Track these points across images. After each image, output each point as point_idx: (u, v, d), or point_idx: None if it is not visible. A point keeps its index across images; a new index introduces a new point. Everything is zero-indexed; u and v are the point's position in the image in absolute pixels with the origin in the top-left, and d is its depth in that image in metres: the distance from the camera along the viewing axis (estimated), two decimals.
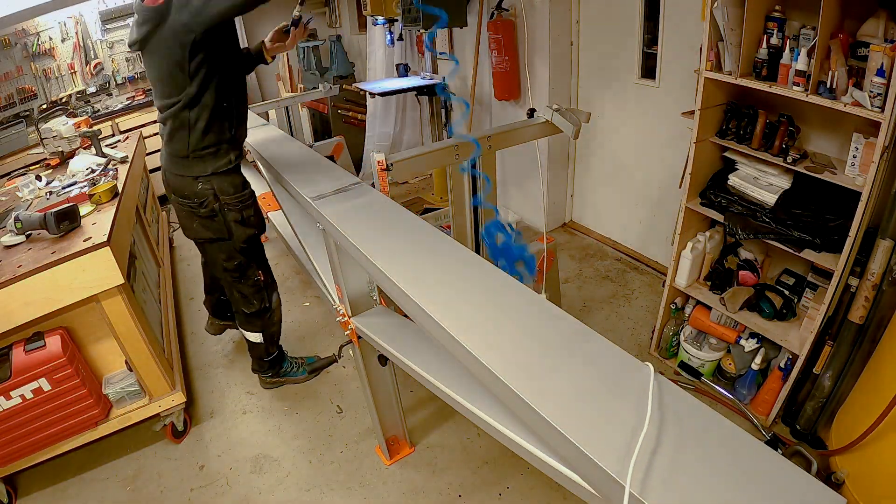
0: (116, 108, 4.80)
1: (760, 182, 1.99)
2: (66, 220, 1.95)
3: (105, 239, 1.85)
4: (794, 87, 1.67)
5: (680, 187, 2.42)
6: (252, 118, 2.96)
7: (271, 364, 2.38)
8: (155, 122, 2.58)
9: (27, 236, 1.97)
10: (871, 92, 1.49)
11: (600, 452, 0.68)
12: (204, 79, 1.71)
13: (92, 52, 4.92)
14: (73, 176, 2.66)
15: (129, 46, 1.79)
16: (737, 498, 0.62)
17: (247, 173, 3.39)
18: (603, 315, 2.86)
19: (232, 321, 2.62)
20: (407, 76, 4.19)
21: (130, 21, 1.90)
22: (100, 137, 3.03)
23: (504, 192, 3.97)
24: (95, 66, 4.95)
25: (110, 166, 2.76)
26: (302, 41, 5.36)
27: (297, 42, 2.13)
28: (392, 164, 1.76)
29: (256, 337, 2.26)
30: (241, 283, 2.13)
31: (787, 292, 2.13)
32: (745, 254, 2.29)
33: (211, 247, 2.04)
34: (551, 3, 3.08)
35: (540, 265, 2.34)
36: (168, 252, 3.73)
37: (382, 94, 3.90)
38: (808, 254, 1.83)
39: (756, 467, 0.65)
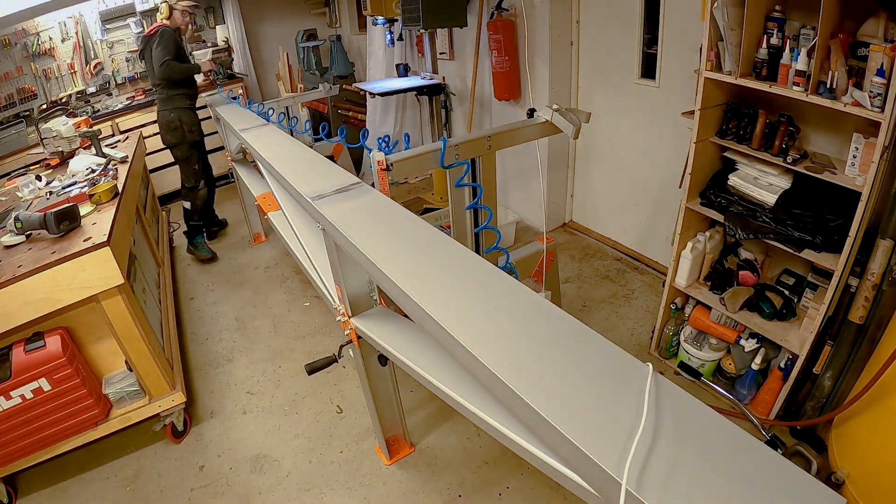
0: (116, 108, 4.81)
1: (760, 182, 1.99)
2: (66, 220, 1.95)
3: (105, 239, 1.85)
4: (794, 87, 1.67)
5: (680, 187, 2.42)
6: (251, 118, 2.97)
7: (193, 230, 3.88)
8: (154, 122, 3.93)
9: (27, 236, 1.97)
10: (871, 92, 1.49)
11: (598, 451, 0.68)
12: None
13: (92, 52, 4.92)
14: (73, 176, 2.67)
15: (139, 55, 3.62)
16: (736, 497, 0.62)
17: (247, 173, 3.44)
18: (603, 315, 2.86)
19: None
20: (407, 76, 4.19)
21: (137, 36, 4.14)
22: (100, 137, 3.03)
23: (504, 192, 3.98)
24: (95, 66, 4.95)
25: (110, 166, 2.76)
26: (302, 42, 5.36)
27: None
28: (392, 164, 1.76)
29: (188, 204, 3.80)
30: (186, 167, 3.71)
31: (787, 292, 2.13)
32: (745, 254, 2.29)
33: (177, 147, 3.61)
34: (551, 3, 3.08)
35: (540, 265, 2.34)
36: (168, 252, 3.73)
37: (382, 95, 3.90)
38: (808, 254, 1.83)
39: (755, 467, 0.65)
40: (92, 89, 4.97)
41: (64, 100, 4.78)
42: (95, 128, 3.14)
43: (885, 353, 1.60)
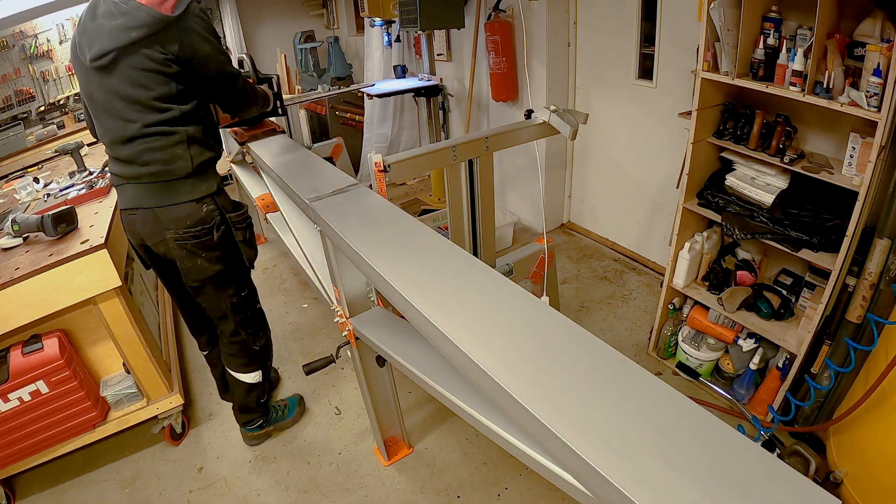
0: None
1: (758, 182, 1.99)
2: (64, 222, 1.94)
3: (102, 241, 1.85)
4: (791, 88, 1.67)
5: (677, 187, 2.42)
6: None
7: (265, 409, 2.19)
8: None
9: (24, 239, 1.97)
10: (868, 92, 1.49)
11: (597, 456, 0.68)
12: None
13: None
14: (71, 178, 2.66)
15: None
16: (731, 500, 0.62)
17: (246, 175, 3.42)
18: (601, 316, 2.86)
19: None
20: (405, 77, 4.20)
21: None
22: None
23: (502, 193, 3.98)
24: None
25: (107, 168, 2.76)
26: (300, 44, 5.37)
27: None
28: (390, 166, 1.76)
29: (256, 376, 2.05)
30: (250, 316, 1.96)
31: (784, 292, 2.14)
32: (742, 254, 2.29)
33: (216, 285, 1.78)
34: (549, 4, 3.08)
35: (538, 266, 2.34)
36: None
37: (380, 96, 3.90)
38: (805, 253, 1.83)
39: (752, 469, 0.65)
40: None
41: (62, 102, 4.78)
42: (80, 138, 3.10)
43: (881, 353, 1.60)
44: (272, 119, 2.35)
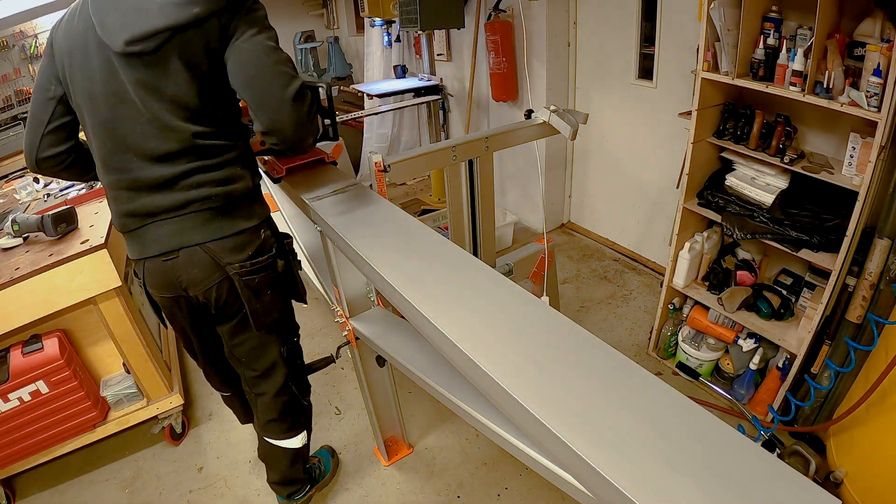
0: None
1: (758, 182, 2.00)
2: (64, 222, 1.94)
3: (102, 241, 1.85)
4: (791, 88, 1.67)
5: (677, 188, 2.42)
6: None
7: (309, 473, 1.88)
8: None
9: (24, 239, 1.97)
10: (868, 92, 1.49)
11: (597, 456, 0.68)
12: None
13: None
14: None
15: None
16: (731, 499, 0.62)
17: None
18: (601, 315, 2.86)
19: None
20: (405, 77, 4.20)
21: None
22: None
23: (502, 193, 3.98)
24: None
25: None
26: (300, 44, 5.37)
27: None
28: (390, 166, 1.76)
29: (302, 438, 1.71)
30: (300, 366, 1.63)
31: (784, 292, 2.14)
32: (742, 254, 2.29)
33: (276, 329, 1.47)
34: (549, 4, 3.08)
35: (538, 266, 2.34)
36: None
37: (380, 96, 3.90)
38: (805, 254, 1.83)
39: (752, 469, 0.65)
40: None
41: None
42: None
43: (881, 353, 1.60)
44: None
